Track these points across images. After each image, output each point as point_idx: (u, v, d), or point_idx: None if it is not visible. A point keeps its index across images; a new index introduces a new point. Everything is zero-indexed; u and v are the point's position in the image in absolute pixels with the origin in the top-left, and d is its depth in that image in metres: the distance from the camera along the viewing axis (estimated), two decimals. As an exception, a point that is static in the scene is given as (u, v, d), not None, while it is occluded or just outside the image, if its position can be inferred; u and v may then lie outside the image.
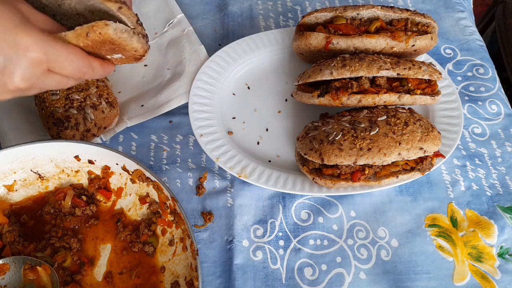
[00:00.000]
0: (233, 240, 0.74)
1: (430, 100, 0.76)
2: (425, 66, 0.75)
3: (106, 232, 0.72)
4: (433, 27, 0.80)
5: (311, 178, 0.74)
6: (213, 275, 0.71)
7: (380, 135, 0.71)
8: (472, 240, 0.76)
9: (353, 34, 0.77)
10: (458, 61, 0.98)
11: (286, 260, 0.73)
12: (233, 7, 1.05)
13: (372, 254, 0.74)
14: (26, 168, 0.71)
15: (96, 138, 0.82)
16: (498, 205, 0.79)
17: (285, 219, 0.77)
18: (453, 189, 0.81)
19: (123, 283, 0.68)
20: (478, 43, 1.01)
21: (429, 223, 0.77)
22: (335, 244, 0.75)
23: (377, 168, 0.73)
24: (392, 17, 0.79)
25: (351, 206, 0.78)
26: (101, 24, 0.52)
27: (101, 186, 0.74)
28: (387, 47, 0.77)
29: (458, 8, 1.08)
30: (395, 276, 0.72)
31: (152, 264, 0.69)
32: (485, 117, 0.90)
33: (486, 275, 0.72)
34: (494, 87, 0.95)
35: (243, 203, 0.78)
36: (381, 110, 0.76)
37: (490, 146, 0.87)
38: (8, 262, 0.64)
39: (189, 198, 0.78)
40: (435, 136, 0.73)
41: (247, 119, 0.86)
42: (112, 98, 0.83)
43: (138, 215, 0.74)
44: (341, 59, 0.75)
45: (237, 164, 0.78)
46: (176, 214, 0.68)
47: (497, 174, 0.83)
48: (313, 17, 0.81)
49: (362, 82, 0.73)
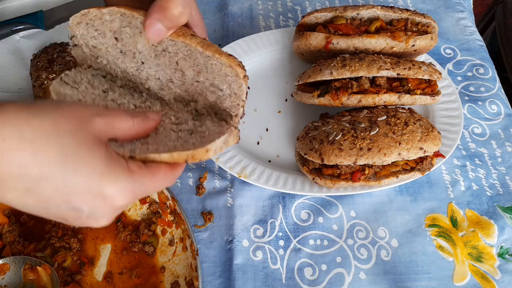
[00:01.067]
0: (233, 240, 0.74)
1: (430, 100, 0.76)
2: (425, 66, 0.75)
3: (106, 232, 0.72)
4: (433, 27, 0.80)
5: (311, 178, 0.74)
6: (213, 275, 0.71)
7: (380, 135, 0.71)
8: (472, 240, 0.76)
9: (353, 34, 0.77)
10: (458, 61, 0.98)
11: (286, 260, 0.73)
12: (233, 7, 1.05)
13: (372, 254, 0.74)
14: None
15: (96, 138, 0.82)
16: (498, 205, 0.79)
17: (285, 219, 0.77)
18: (453, 189, 0.81)
19: (123, 283, 0.68)
20: (478, 43, 1.01)
21: (429, 223, 0.77)
22: (335, 244, 0.75)
23: (377, 168, 0.73)
24: (392, 17, 0.79)
25: (351, 206, 0.78)
26: (202, 152, 0.47)
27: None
28: (387, 47, 0.77)
29: (458, 8, 1.08)
30: (395, 276, 0.72)
31: (152, 264, 0.69)
32: (485, 117, 0.90)
33: (486, 275, 0.72)
34: (494, 87, 0.95)
35: (243, 203, 0.78)
36: (381, 110, 0.76)
37: (490, 146, 0.87)
38: (8, 262, 0.64)
39: (189, 198, 0.78)
40: (435, 136, 0.73)
41: (247, 119, 0.86)
42: (112, 98, 0.83)
43: (138, 215, 0.74)
44: (341, 59, 0.75)
45: (237, 164, 0.78)
46: (176, 214, 0.68)
47: (497, 174, 0.83)
48: (313, 17, 0.81)
49: (362, 82, 0.73)
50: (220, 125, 0.53)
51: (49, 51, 0.84)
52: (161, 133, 0.52)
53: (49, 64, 0.82)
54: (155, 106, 0.57)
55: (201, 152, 0.47)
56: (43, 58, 0.83)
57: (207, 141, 0.49)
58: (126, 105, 0.55)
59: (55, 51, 0.84)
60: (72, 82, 0.55)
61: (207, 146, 0.48)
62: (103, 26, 0.54)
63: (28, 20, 0.94)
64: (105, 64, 0.57)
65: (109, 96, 0.55)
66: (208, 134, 0.51)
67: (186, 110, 0.57)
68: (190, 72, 0.55)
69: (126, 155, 0.47)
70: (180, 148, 0.48)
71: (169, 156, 0.47)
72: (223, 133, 0.50)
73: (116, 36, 0.55)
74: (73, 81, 0.55)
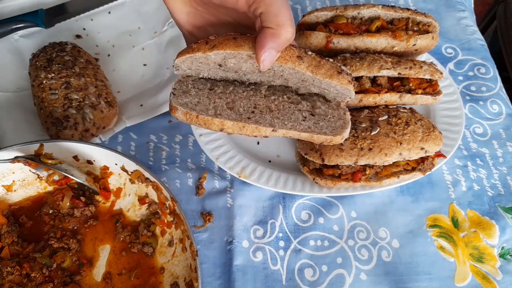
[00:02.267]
0: (233, 241, 0.74)
1: (431, 100, 0.76)
2: (426, 66, 0.74)
3: (105, 232, 0.72)
4: (434, 26, 0.80)
5: (311, 179, 0.74)
6: (213, 276, 0.71)
7: (381, 135, 0.70)
8: (473, 240, 0.75)
9: (354, 33, 0.77)
10: (459, 61, 0.98)
11: (287, 261, 0.73)
12: (233, 6, 1.04)
13: (373, 254, 0.73)
14: (25, 168, 0.70)
15: (95, 138, 0.81)
16: (499, 206, 0.79)
17: (286, 219, 0.76)
18: (454, 190, 0.80)
19: (122, 283, 0.68)
20: (479, 42, 1.01)
21: (430, 224, 0.77)
22: (336, 245, 0.74)
23: (378, 168, 0.72)
24: (393, 16, 0.78)
25: (352, 206, 0.78)
26: (339, 138, 0.60)
27: (100, 187, 0.73)
28: (388, 46, 0.77)
29: (459, 7, 1.07)
30: (396, 277, 0.71)
31: (151, 265, 0.69)
32: (486, 117, 0.90)
33: (487, 275, 0.72)
34: (495, 86, 0.94)
35: (243, 203, 0.78)
36: (382, 109, 0.75)
37: (491, 146, 0.86)
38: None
39: (188, 198, 0.78)
40: (436, 136, 0.72)
41: (247, 119, 0.86)
42: (111, 98, 0.83)
43: (137, 215, 0.73)
44: (341, 58, 0.74)
45: (237, 164, 0.77)
46: (175, 215, 0.68)
47: (499, 174, 0.83)
48: (314, 16, 0.80)
49: (363, 82, 0.73)
50: (332, 108, 0.63)
51: (48, 50, 0.84)
52: (286, 109, 0.62)
53: (48, 63, 0.81)
54: (261, 87, 0.64)
55: (338, 139, 0.60)
56: (42, 58, 0.83)
57: (339, 128, 0.60)
58: (235, 94, 0.63)
59: (54, 50, 0.84)
60: (182, 92, 0.62)
61: (343, 134, 0.59)
62: (207, 60, 0.59)
63: (28, 19, 0.94)
64: (206, 75, 0.64)
65: (217, 91, 0.63)
66: (331, 118, 0.62)
67: (289, 90, 0.65)
68: (295, 81, 0.62)
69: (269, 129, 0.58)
70: (317, 131, 0.60)
71: (309, 135, 0.59)
72: (347, 121, 0.61)
73: (220, 64, 0.59)
74: (182, 91, 0.62)
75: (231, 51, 0.55)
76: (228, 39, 0.56)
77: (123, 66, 0.93)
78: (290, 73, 0.59)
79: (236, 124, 0.58)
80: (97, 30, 0.98)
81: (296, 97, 0.64)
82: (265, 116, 0.60)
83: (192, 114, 0.58)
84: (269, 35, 0.51)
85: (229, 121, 0.58)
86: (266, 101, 0.62)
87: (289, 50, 0.56)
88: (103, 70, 0.89)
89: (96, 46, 0.95)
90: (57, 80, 0.79)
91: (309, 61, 0.57)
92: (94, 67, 0.85)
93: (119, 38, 0.97)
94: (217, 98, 0.61)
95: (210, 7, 0.57)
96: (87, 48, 0.91)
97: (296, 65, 0.56)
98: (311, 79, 0.59)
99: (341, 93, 0.61)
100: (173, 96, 0.60)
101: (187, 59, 0.58)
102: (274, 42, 0.51)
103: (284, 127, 0.59)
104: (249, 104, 0.62)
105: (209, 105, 0.60)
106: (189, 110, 0.58)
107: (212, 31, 0.61)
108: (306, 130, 0.59)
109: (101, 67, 0.89)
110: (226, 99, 0.62)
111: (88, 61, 0.85)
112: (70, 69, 0.81)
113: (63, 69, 0.80)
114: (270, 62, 0.53)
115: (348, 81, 0.59)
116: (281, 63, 0.56)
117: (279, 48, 0.52)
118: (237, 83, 0.65)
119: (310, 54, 0.58)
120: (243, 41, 0.55)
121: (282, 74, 0.60)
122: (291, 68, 0.57)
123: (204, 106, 0.60)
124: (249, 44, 0.54)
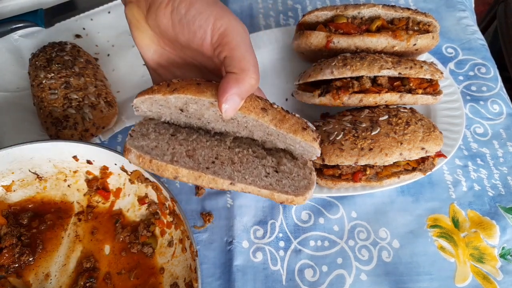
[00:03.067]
0: (233, 241, 0.74)
1: (431, 100, 0.75)
2: (427, 66, 0.74)
3: (104, 233, 0.72)
4: (435, 26, 0.80)
5: (311, 179, 0.73)
6: (213, 276, 0.71)
7: (382, 135, 0.70)
8: (473, 241, 0.75)
9: (354, 33, 0.77)
10: (459, 61, 0.98)
11: (287, 261, 0.72)
12: (233, 6, 1.04)
13: (373, 255, 0.73)
14: (24, 168, 0.70)
15: (95, 138, 0.81)
16: (500, 206, 0.79)
17: (286, 220, 0.76)
18: (454, 190, 0.80)
19: (122, 283, 0.67)
20: (479, 42, 1.01)
21: (431, 224, 0.77)
22: (336, 245, 0.74)
23: (379, 168, 0.72)
24: (393, 16, 0.78)
25: (352, 206, 0.78)
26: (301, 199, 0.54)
27: (99, 187, 0.73)
28: (388, 46, 0.77)
29: (460, 7, 1.07)
30: (396, 277, 0.71)
31: (151, 265, 0.69)
32: (487, 116, 0.90)
33: (487, 276, 0.72)
34: (496, 86, 0.94)
35: (243, 203, 0.77)
36: (383, 109, 0.75)
37: (492, 146, 0.86)
38: None
39: (188, 198, 0.78)
40: (436, 136, 0.72)
41: (247, 118, 0.86)
42: (111, 98, 0.83)
43: (137, 216, 0.73)
44: (342, 58, 0.74)
45: (237, 164, 0.77)
46: (175, 215, 0.68)
47: (499, 174, 0.82)
48: (314, 16, 0.80)
49: (363, 82, 0.73)
50: (298, 166, 0.59)
51: (48, 50, 0.84)
52: (249, 163, 0.58)
53: (47, 63, 0.81)
54: (227, 138, 0.61)
55: (299, 199, 0.54)
56: (42, 58, 0.82)
57: (303, 188, 0.55)
58: (198, 143, 0.59)
59: (54, 50, 0.84)
60: (140, 135, 0.58)
61: (306, 195, 0.54)
62: (168, 103, 0.56)
63: (28, 18, 0.94)
64: (169, 120, 0.62)
65: (179, 137, 0.59)
66: (295, 176, 0.57)
67: (255, 143, 0.62)
68: (260, 134, 0.59)
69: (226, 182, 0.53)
70: (278, 189, 0.54)
71: (269, 193, 0.54)
72: (312, 181, 0.57)
73: (182, 108, 0.57)
74: (141, 134, 0.58)
75: (192, 96, 0.53)
76: (190, 84, 0.54)
77: (122, 66, 0.93)
78: (254, 125, 0.56)
79: (192, 173, 0.53)
80: (96, 30, 0.97)
81: (262, 152, 0.61)
82: (225, 167, 0.56)
83: (145, 158, 0.53)
84: (232, 80, 0.49)
85: (184, 169, 0.53)
86: (229, 152, 0.59)
87: (254, 101, 0.54)
88: (103, 70, 0.89)
89: (95, 46, 0.95)
90: (56, 80, 0.79)
91: (273, 114, 0.55)
92: (93, 67, 0.85)
93: (118, 38, 0.97)
94: (178, 145, 0.58)
95: (177, 47, 0.56)
96: (86, 48, 0.91)
97: (259, 117, 0.54)
98: (276, 133, 0.56)
99: (307, 150, 0.58)
100: (130, 137, 0.57)
101: (147, 100, 0.56)
102: (238, 88, 0.49)
103: (244, 181, 0.54)
104: (210, 153, 0.58)
105: (167, 150, 0.56)
106: (143, 154, 0.54)
107: (178, 72, 0.59)
108: (267, 187, 0.54)
109: (100, 67, 0.89)
110: (187, 147, 0.58)
111: (87, 61, 0.85)
112: (70, 69, 0.81)
113: (62, 69, 0.80)
114: (233, 109, 0.51)
115: (313, 138, 0.56)
116: (245, 113, 0.53)
117: (243, 94, 0.50)
118: (202, 132, 0.62)
119: (275, 107, 0.56)
120: (206, 87, 0.53)
121: (247, 126, 0.57)
122: (254, 119, 0.54)
123: (161, 151, 0.56)
124: (212, 91, 0.52)
